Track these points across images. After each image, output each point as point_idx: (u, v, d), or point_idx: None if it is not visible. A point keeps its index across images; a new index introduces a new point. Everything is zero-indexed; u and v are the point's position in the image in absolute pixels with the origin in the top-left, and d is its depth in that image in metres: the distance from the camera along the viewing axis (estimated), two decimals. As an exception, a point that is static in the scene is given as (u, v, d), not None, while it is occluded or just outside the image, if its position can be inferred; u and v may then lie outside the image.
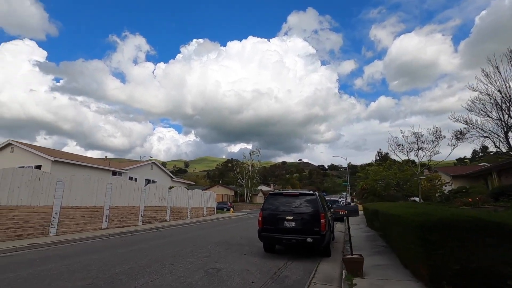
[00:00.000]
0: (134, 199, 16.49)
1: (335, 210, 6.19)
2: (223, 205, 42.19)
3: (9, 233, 10.27)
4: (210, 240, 10.59)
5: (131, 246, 9.31)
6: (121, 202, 15.55)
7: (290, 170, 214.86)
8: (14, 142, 20.25)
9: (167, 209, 19.52)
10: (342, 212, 5.99)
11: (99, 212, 14.11)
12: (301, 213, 7.49)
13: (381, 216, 7.87)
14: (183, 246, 9.24)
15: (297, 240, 7.22)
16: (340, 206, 6.45)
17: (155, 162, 29.21)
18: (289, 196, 7.98)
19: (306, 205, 7.64)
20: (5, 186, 10.30)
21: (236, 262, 7.09)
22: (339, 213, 6.00)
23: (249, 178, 57.96)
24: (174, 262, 6.99)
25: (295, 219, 7.41)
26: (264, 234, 7.69)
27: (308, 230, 7.27)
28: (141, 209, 16.93)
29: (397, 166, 16.36)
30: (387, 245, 8.67)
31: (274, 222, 7.61)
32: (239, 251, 8.53)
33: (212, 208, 27.47)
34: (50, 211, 11.75)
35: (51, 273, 5.93)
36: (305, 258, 7.71)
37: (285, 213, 7.59)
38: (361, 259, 5.41)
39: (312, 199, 7.72)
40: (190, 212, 22.49)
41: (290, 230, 7.40)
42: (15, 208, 10.50)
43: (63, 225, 12.25)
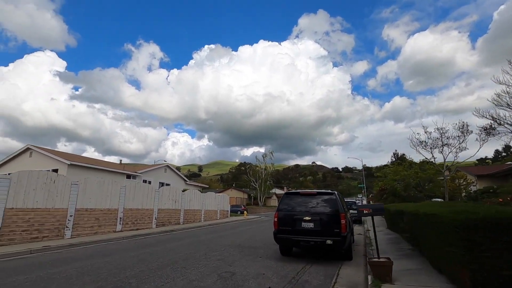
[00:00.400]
0: (148, 201, 16.43)
1: (359, 209, 5.69)
2: (236, 208, 41.92)
3: (25, 236, 10.31)
4: (223, 243, 10.24)
5: (144, 249, 9.09)
6: (135, 204, 15.50)
7: (303, 173, 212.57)
8: (33, 147, 20.80)
9: (181, 211, 19.38)
10: (367, 211, 5.48)
11: (113, 214, 14.08)
12: (320, 213, 7.02)
13: (407, 216, 7.26)
14: (196, 249, 8.93)
15: (315, 242, 6.74)
16: (364, 205, 5.93)
17: (168, 165, 29.32)
18: (306, 196, 7.52)
19: (324, 204, 7.16)
20: (21, 189, 10.37)
21: (251, 266, 6.68)
22: (363, 212, 5.49)
23: (262, 181, 57.41)
24: (186, 265, 6.67)
25: (313, 219, 6.94)
26: (280, 236, 7.24)
27: (328, 231, 6.78)
28: (154, 211, 16.84)
29: (417, 165, 15.51)
30: (413, 248, 8.02)
31: (290, 223, 7.16)
32: (254, 254, 8.13)
33: (226, 211, 27.19)
34: (65, 214, 11.77)
35: (60, 276, 5.74)
36: (324, 262, 7.21)
37: (302, 213, 7.13)
38: (390, 262, 4.89)
39: (331, 198, 7.23)
40: (203, 215, 22.29)
41: (308, 231, 6.94)
42: (30, 211, 10.55)
43: (78, 227, 12.25)
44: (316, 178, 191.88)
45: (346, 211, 7.37)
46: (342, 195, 30.81)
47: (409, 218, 7.13)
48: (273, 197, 69.86)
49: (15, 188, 10.20)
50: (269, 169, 60.54)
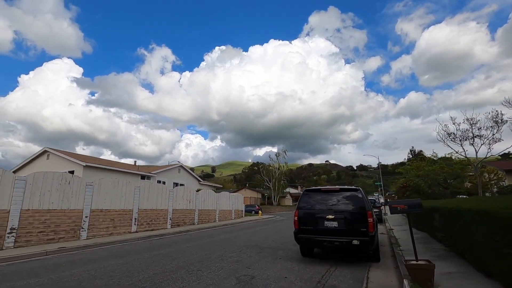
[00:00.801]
0: (162, 202, 16.28)
1: (391, 205, 5.10)
2: (251, 208, 41.56)
3: (41, 237, 10.28)
4: (240, 244, 9.84)
5: (158, 250, 8.82)
6: (149, 205, 15.37)
7: (317, 172, 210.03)
8: (50, 150, 21.20)
9: (195, 212, 19.17)
10: (401, 207, 4.89)
11: (128, 215, 13.98)
12: (344, 211, 6.48)
13: (441, 214, 6.59)
14: (211, 250, 8.57)
15: (340, 242, 6.20)
16: (396, 201, 5.33)
17: (182, 166, 29.29)
18: (328, 192, 6.98)
19: (349, 202, 6.61)
20: (37, 190, 10.35)
21: (271, 268, 6.23)
22: (397, 208, 4.90)
23: (276, 181, 56.79)
24: (202, 268, 6.29)
25: (337, 218, 6.40)
26: (302, 236, 6.74)
27: (354, 230, 6.23)
28: (169, 212, 16.68)
29: (441, 160, 14.54)
30: (447, 248, 7.33)
31: (312, 222, 6.65)
32: (273, 255, 7.67)
33: (241, 211, 26.86)
34: (80, 215, 11.71)
35: (72, 279, 5.48)
36: (350, 264, 6.66)
37: (325, 211, 6.60)
38: (431, 265, 4.31)
39: (356, 195, 6.67)
40: (218, 215, 22.03)
41: (331, 231, 6.40)
42: (46, 212, 10.51)
43: (94, 228, 12.18)
44: (330, 177, 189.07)
45: (372, 209, 6.78)
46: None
47: (445, 215, 6.46)
48: (287, 197, 69.09)
49: (31, 189, 10.18)
50: (282, 168, 59.85)
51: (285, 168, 60.95)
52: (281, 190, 58.51)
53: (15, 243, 9.50)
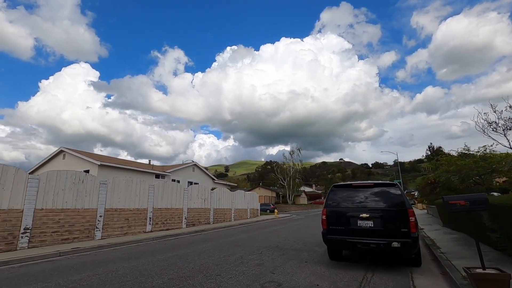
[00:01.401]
0: (177, 201, 15.90)
1: (448, 202, 4.31)
2: (265, 207, 40.90)
3: (55, 237, 10.03)
4: (259, 244, 9.20)
5: (174, 251, 8.31)
6: (164, 204, 15.01)
7: (331, 170, 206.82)
8: (65, 149, 21.37)
9: (210, 211, 18.72)
10: (462, 204, 4.07)
11: (142, 214, 13.64)
12: (381, 210, 5.70)
13: (498, 212, 5.69)
14: (230, 252, 7.97)
15: (377, 244, 5.43)
16: (455, 196, 4.52)
17: (196, 164, 28.99)
18: (361, 188, 6.21)
19: (385, 198, 5.82)
20: (50, 189, 10.10)
21: (299, 273, 5.54)
22: (457, 205, 4.10)
23: (290, 179, 55.90)
24: (221, 272, 5.69)
25: (372, 217, 5.63)
26: (331, 237, 6.00)
27: (393, 231, 5.44)
28: (184, 211, 16.28)
29: (479, 154, 13.34)
30: (499, 252, 6.41)
31: (343, 221, 5.91)
32: (298, 258, 6.97)
33: (256, 209, 26.27)
34: (94, 214, 11.43)
35: (81, 284, 5.01)
36: (387, 269, 5.87)
37: (357, 209, 5.85)
38: (506, 276, 3.51)
39: (394, 190, 5.88)
40: (233, 214, 21.51)
41: (366, 231, 5.64)
42: (60, 212, 10.26)
43: (108, 228, 11.88)
44: (345, 175, 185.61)
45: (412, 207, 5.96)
46: None
47: (502, 213, 5.57)
48: (302, 195, 68.03)
49: (44, 188, 9.94)
50: (297, 166, 58.87)
51: (299, 167, 59.94)
52: (296, 189, 57.56)
53: (29, 243, 9.26)
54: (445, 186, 14.25)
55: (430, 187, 18.26)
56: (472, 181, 13.53)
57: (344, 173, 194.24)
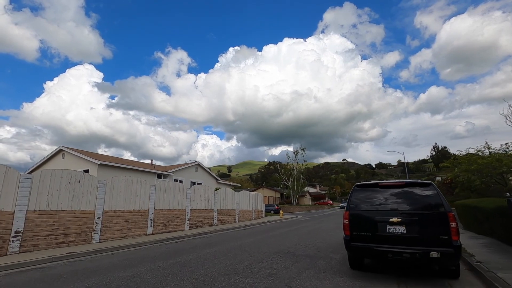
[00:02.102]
0: (179, 201, 15.21)
1: None
2: (270, 208, 40.14)
3: (50, 240, 9.37)
4: (268, 250, 8.45)
5: (175, 257, 7.60)
6: (166, 205, 14.33)
7: (334, 171, 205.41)
8: (65, 148, 20.80)
9: (214, 212, 18.02)
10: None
11: (143, 216, 12.97)
12: (415, 213, 4.93)
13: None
14: (237, 258, 7.24)
15: (412, 254, 4.66)
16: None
17: (199, 164, 28.30)
18: (389, 188, 5.45)
19: (420, 200, 5.06)
20: (44, 190, 9.45)
21: (319, 287, 4.79)
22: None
23: (295, 179, 55.09)
24: (228, 284, 4.96)
25: (405, 221, 4.86)
26: (356, 244, 5.23)
27: (430, 238, 4.67)
28: (187, 212, 15.59)
29: (500, 151, 12.51)
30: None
31: (370, 226, 5.15)
32: (314, 267, 6.22)
33: (261, 210, 25.53)
34: (92, 216, 10.77)
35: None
36: (421, 280, 5.09)
37: (387, 213, 5.09)
38: None
39: (430, 191, 5.10)
40: (238, 215, 20.80)
41: (398, 238, 4.87)
42: (55, 213, 9.60)
43: (107, 230, 11.22)
44: (348, 175, 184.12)
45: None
46: None
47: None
48: (306, 196, 67.18)
49: (38, 188, 9.29)
50: (301, 166, 58.05)
51: (304, 167, 59.12)
52: (300, 189, 56.74)
53: (21, 247, 8.60)
54: (464, 186, 13.39)
55: (446, 187, 17.38)
56: (493, 181, 12.67)
57: (347, 173, 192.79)
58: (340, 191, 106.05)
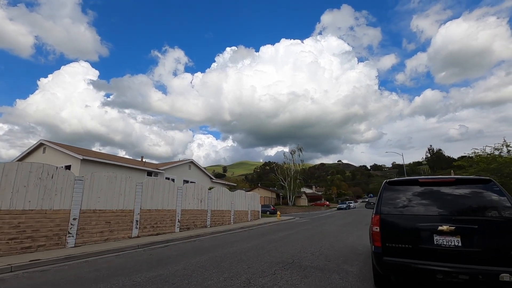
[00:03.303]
0: (169, 201, 13.92)
1: None
2: (266, 208, 38.97)
3: (13, 245, 8.03)
4: (269, 259, 7.23)
5: (158, 268, 6.33)
6: (154, 204, 13.02)
7: (330, 172, 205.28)
8: (46, 142, 19.28)
9: (207, 213, 16.74)
10: None
11: (127, 217, 11.66)
12: (475, 220, 3.72)
13: None
14: (232, 270, 6.01)
15: (473, 275, 3.42)
16: None
17: (193, 162, 26.88)
18: (433, 186, 4.23)
19: (479, 202, 3.88)
20: (8, 186, 8.11)
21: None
22: None
23: (291, 179, 54.01)
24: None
25: (460, 230, 3.64)
26: (391, 260, 3.96)
27: (499, 254, 3.47)
28: (177, 213, 14.30)
29: None
30: None
31: (410, 236, 3.93)
32: (328, 284, 5.00)
33: (257, 211, 24.30)
34: (67, 217, 9.45)
35: None
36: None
37: (433, 218, 3.86)
38: None
39: (491, 190, 3.91)
40: (233, 216, 19.54)
41: (450, 253, 3.64)
42: (20, 213, 8.26)
43: (84, 233, 9.90)
44: (344, 176, 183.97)
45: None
46: (372, 195, 26.58)
47: None
48: (303, 197, 66.15)
49: (0, 184, 7.97)
50: (298, 167, 57.01)
51: (300, 167, 58.09)
52: (297, 190, 55.68)
53: (-25, 254, 7.28)
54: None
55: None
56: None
57: (343, 174, 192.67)
58: (337, 192, 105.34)
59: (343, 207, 53.37)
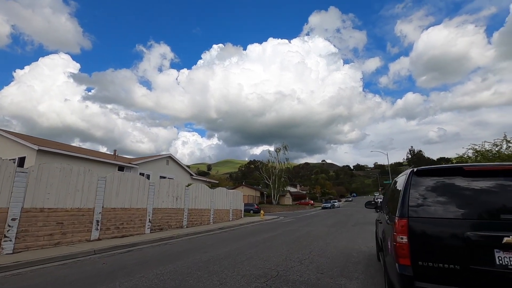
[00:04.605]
0: (139, 198, 12.31)
1: None
2: (249, 207, 37.71)
3: None
4: (248, 270, 5.90)
5: (103, 284, 4.85)
6: (120, 202, 11.39)
7: (314, 171, 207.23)
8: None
9: (184, 212, 15.21)
10: None
11: (86, 216, 10.00)
12: None
13: None
14: (202, 285, 4.62)
15: None
16: None
17: (171, 156, 25.02)
18: (487, 177, 2.88)
19: None
20: None
21: None
22: None
23: (276, 177, 53.00)
24: None
25: None
26: (428, 287, 2.62)
27: None
28: (148, 212, 12.71)
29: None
30: None
31: (456, 251, 2.61)
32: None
33: (239, 210, 22.95)
34: (3, 217, 7.73)
35: None
36: None
37: (493, 225, 2.60)
38: None
39: None
40: (213, 215, 18.08)
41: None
42: None
43: (27, 236, 8.20)
44: (328, 175, 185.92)
45: None
46: (355, 195, 25.72)
47: None
48: (287, 195, 65.39)
49: None
50: (282, 165, 56.09)
51: (285, 166, 57.20)
52: (281, 188, 54.75)
53: None
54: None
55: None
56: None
57: (327, 174, 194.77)
58: (321, 191, 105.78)
59: (328, 206, 52.98)
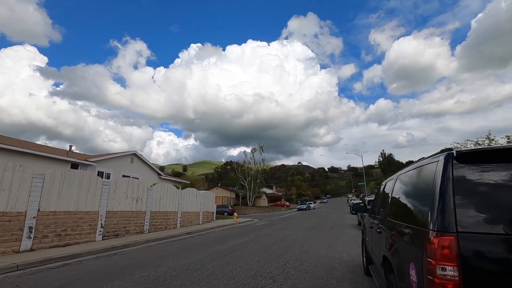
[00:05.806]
0: (89, 200, 10.52)
1: None
2: (223, 209, 36.22)
3: None
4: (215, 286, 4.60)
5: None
6: (63, 205, 9.59)
7: (290, 173, 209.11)
8: None
9: (146, 215, 13.52)
10: None
11: (14, 222, 8.15)
12: None
13: None
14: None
15: None
16: None
17: (136, 154, 22.82)
18: None
19: None
20: None
21: None
22: None
23: (252, 179, 51.86)
24: None
25: None
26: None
27: None
28: (100, 215, 10.95)
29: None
30: None
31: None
32: None
33: (211, 212, 21.45)
34: None
35: None
36: None
37: None
38: None
39: None
40: (180, 218, 16.47)
41: None
42: None
43: None
44: (304, 177, 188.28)
45: None
46: (330, 196, 24.94)
47: None
48: (263, 197, 64.49)
49: None
50: (258, 167, 55.12)
51: (262, 167, 56.26)
52: (257, 190, 53.69)
53: None
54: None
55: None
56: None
57: (303, 176, 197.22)
58: (296, 192, 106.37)
59: (304, 207, 52.73)
